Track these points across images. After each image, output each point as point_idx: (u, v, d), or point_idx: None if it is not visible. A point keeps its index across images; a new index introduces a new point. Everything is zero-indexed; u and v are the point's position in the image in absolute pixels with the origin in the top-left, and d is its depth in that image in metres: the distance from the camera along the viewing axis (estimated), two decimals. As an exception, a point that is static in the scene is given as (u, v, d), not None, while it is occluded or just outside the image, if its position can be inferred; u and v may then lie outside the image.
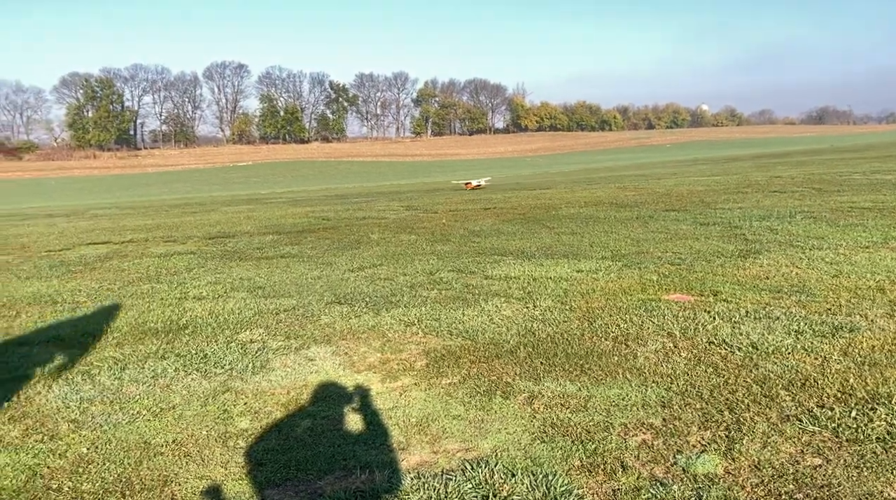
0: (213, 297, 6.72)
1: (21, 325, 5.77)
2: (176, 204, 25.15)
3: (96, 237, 12.57)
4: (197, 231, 12.88)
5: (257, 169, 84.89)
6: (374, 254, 8.99)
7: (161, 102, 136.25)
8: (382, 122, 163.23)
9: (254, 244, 10.58)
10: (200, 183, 60.39)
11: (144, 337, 5.26)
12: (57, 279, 8.06)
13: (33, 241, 12.28)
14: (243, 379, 4.21)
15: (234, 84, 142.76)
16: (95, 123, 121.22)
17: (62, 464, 3.09)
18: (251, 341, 5.07)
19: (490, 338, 4.81)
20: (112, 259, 9.55)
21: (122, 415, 3.65)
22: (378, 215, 14.46)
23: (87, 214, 20.74)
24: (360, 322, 5.45)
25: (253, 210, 18.41)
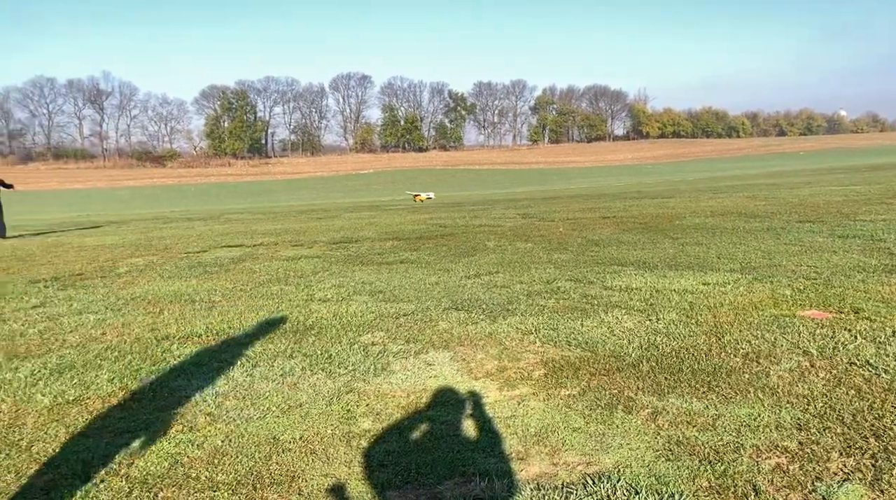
0: (336, 299, 6.96)
1: (164, 321, 6.19)
2: (302, 210, 26.28)
3: (230, 240, 13.32)
4: (322, 236, 13.38)
5: (378, 177, 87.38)
6: (491, 261, 9.01)
7: (290, 113, 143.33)
8: (499, 130, 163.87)
9: (375, 250, 10.87)
10: (325, 190, 62.85)
11: (273, 336, 5.51)
12: (195, 279, 8.59)
13: (174, 243, 13.18)
14: (365, 380, 4.32)
15: (357, 95, 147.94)
16: (230, 132, 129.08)
17: (200, 454, 3.28)
18: (373, 343, 5.20)
19: (610, 350, 4.69)
20: (244, 261, 10.09)
21: (253, 410, 3.84)
22: (494, 223, 14.49)
23: (221, 218, 22.05)
24: (476, 329, 5.47)
25: (374, 217, 18.93)
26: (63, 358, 4.96)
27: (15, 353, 5.17)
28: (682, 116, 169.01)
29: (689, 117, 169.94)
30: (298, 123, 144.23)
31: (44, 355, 5.07)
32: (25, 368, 4.71)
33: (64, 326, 6.06)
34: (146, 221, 21.67)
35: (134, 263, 10.29)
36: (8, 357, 5.04)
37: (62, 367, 4.74)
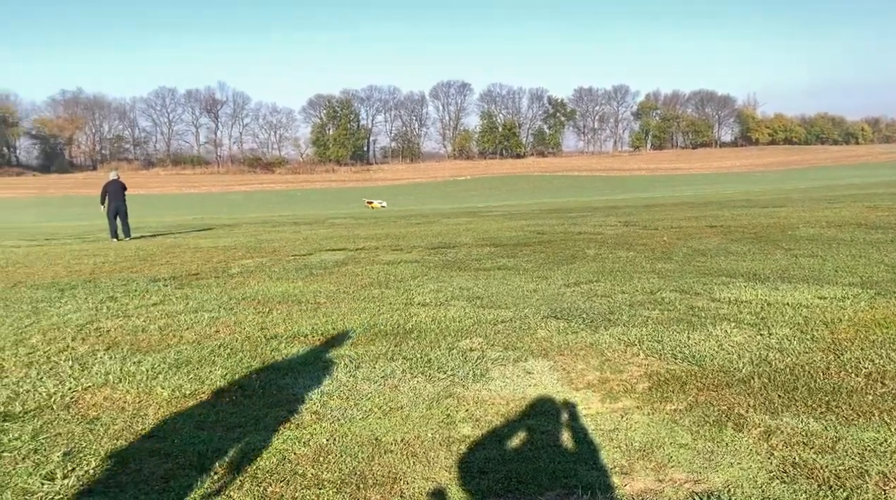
0: (435, 304, 7.03)
1: (272, 320, 6.44)
2: (401, 215, 26.72)
3: (334, 244, 13.71)
4: (421, 241, 13.56)
5: (475, 183, 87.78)
6: (591, 270, 8.86)
7: (391, 121, 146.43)
8: (599, 136, 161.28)
9: (472, 255, 10.91)
10: (423, 196, 63.74)
11: (375, 338, 5.62)
12: (301, 281, 8.89)
13: (282, 245, 13.70)
14: (464, 386, 4.34)
15: (457, 102, 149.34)
16: (335, 140, 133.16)
17: (306, 451, 3.39)
18: (471, 349, 5.22)
19: (719, 365, 4.51)
20: (347, 264, 10.36)
21: (356, 411, 3.93)
22: (594, 231, 14.25)
23: (325, 222, 22.75)
24: (577, 338, 5.39)
25: (471, 222, 19.02)
26: (180, 354, 5.24)
27: (138, 347, 5.51)
28: (794, 122, 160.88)
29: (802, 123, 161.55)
30: (399, 131, 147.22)
31: (163, 350, 5.38)
32: (147, 362, 5.02)
33: (181, 323, 6.41)
34: (256, 225, 22.64)
35: (245, 264, 10.76)
36: (132, 351, 5.38)
37: (179, 362, 5.01)
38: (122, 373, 4.73)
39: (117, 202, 17.45)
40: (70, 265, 11.09)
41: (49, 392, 4.31)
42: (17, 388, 4.41)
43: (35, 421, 3.80)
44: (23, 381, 4.58)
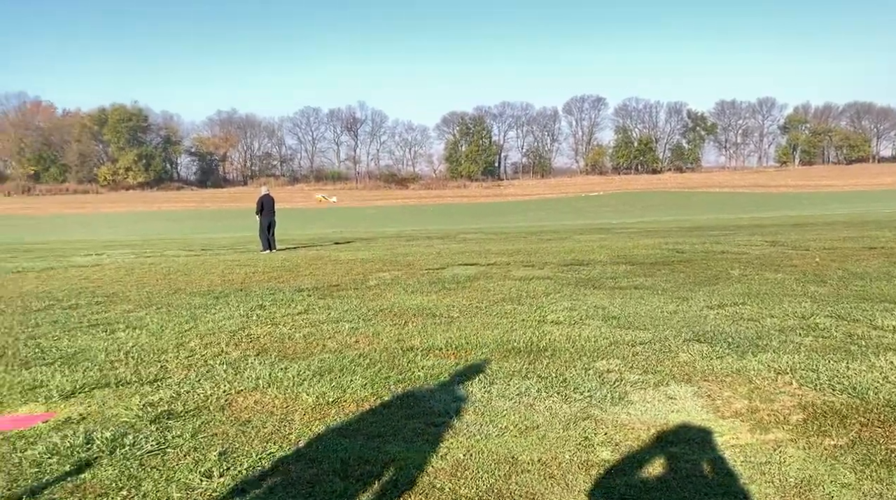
0: (569, 322, 6.92)
1: (408, 332, 6.59)
2: (533, 231, 26.62)
3: (466, 259, 13.86)
4: (553, 258, 13.43)
5: (608, 199, 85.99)
6: (735, 291, 8.41)
7: (523, 136, 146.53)
8: (742, 150, 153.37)
9: (607, 273, 10.67)
10: (554, 212, 63.20)
11: (508, 355, 5.61)
12: (435, 294, 9.05)
13: (416, 259, 14.01)
14: (602, 408, 4.23)
15: (590, 117, 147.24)
16: (467, 156, 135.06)
17: (443, 465, 3.42)
18: (608, 370, 5.09)
19: (885, 399, 4.13)
20: (479, 279, 10.43)
21: (491, 428, 3.93)
22: (738, 250, 13.53)
23: (457, 237, 23.06)
24: (722, 364, 5.12)
25: (604, 239, 18.62)
26: (323, 362, 5.47)
27: (285, 354, 5.81)
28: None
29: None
30: (531, 146, 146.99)
31: (308, 358, 5.63)
32: (293, 368, 5.27)
33: (324, 332, 6.69)
34: (391, 239, 23.32)
35: (382, 277, 11.10)
36: (280, 357, 5.68)
37: (323, 370, 5.22)
38: (270, 378, 5.00)
39: (270, 216, 18.58)
40: (224, 274, 11.89)
41: (206, 394, 4.63)
42: (179, 388, 4.76)
43: (194, 420, 4.09)
44: (183, 382, 4.94)
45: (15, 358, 5.69)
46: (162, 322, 7.26)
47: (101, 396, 4.62)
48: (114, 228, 47.60)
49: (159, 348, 6.06)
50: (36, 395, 4.65)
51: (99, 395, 4.64)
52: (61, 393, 4.67)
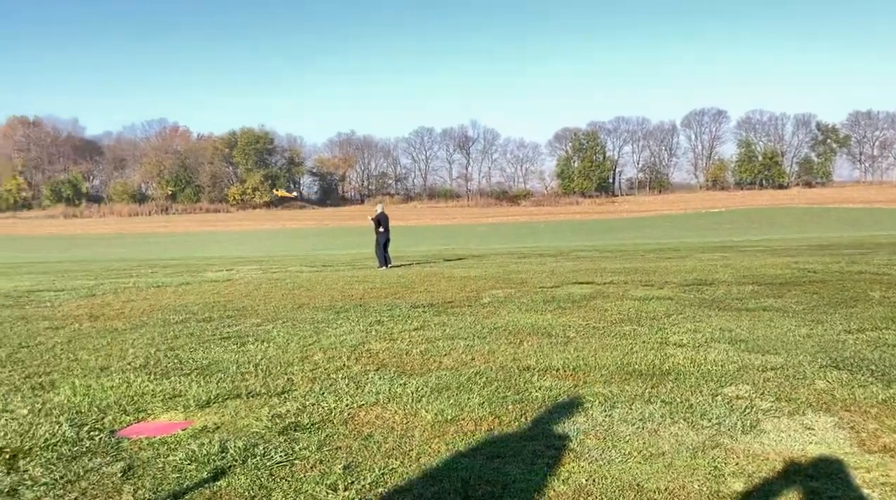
0: (693, 345, 6.65)
1: (524, 352, 6.54)
2: (650, 249, 25.86)
3: (580, 277, 13.64)
4: (672, 277, 12.98)
5: (730, 215, 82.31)
6: (877, 315, 7.81)
7: (639, 151, 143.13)
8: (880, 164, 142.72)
9: (732, 294, 10.19)
10: (671, 229, 61.16)
11: (629, 378, 5.45)
12: (550, 313, 8.95)
13: (529, 277, 13.93)
14: (732, 437, 4.02)
15: (711, 131, 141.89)
16: (580, 172, 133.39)
17: (565, 490, 3.36)
18: (737, 397, 4.84)
19: None
20: (595, 299, 10.23)
21: (614, 453, 3.82)
22: (878, 270, 12.57)
23: (570, 254, 22.75)
24: (865, 393, 4.75)
25: (728, 258, 17.82)
26: (440, 379, 5.51)
27: (403, 370, 5.91)
28: None
29: None
30: (647, 162, 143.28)
31: (425, 374, 5.70)
32: (412, 384, 5.35)
33: (440, 349, 6.76)
34: (503, 256, 23.33)
35: (495, 294, 11.10)
36: (399, 373, 5.78)
37: (440, 387, 5.27)
38: (390, 393, 5.09)
39: (387, 234, 19.11)
40: (343, 290, 12.28)
41: (330, 407, 4.77)
42: (304, 401, 4.94)
43: (319, 433, 4.22)
44: (308, 395, 5.12)
45: (157, 368, 6.10)
46: (288, 336, 7.58)
47: (234, 406, 4.86)
48: (242, 245, 50.35)
49: (285, 360, 6.32)
50: (175, 404, 4.95)
51: (231, 405, 4.89)
52: (198, 403, 4.95)
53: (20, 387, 5.47)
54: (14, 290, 13.41)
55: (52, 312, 10.00)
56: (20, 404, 4.95)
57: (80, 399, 5.07)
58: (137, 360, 6.44)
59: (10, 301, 11.39)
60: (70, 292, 12.81)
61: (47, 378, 5.75)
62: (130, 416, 4.66)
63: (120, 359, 6.50)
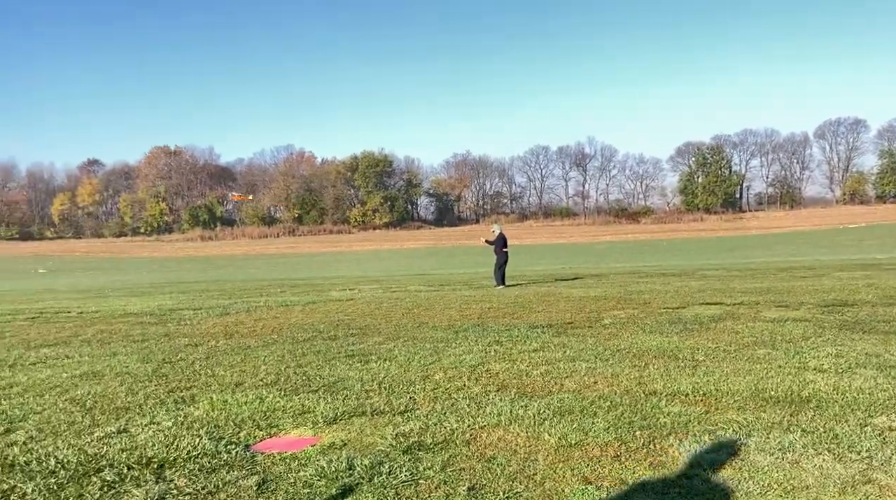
0: (835, 371, 6.19)
1: (649, 375, 6.31)
2: (782, 267, 24.43)
3: (708, 298, 13.06)
4: (809, 297, 12.19)
5: (871, 231, 76.45)
6: None
7: (768, 165, 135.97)
8: None
9: (878, 316, 9.44)
10: (805, 246, 57.56)
11: (765, 405, 5.14)
12: (676, 335, 8.61)
13: (652, 297, 13.49)
14: (887, 472, 3.69)
15: (847, 141, 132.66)
16: (704, 188, 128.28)
17: (699, 521, 3.19)
18: (890, 428, 4.44)
19: None
20: (725, 320, 9.75)
21: (752, 484, 3.59)
22: None
23: (696, 274, 21.86)
24: None
25: (871, 277, 16.54)
26: (563, 402, 5.41)
27: (524, 391, 5.85)
28: None
29: None
30: (777, 175, 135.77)
31: (547, 396, 5.62)
32: (533, 406, 5.28)
33: (561, 371, 6.64)
34: (623, 275, 22.75)
35: (616, 315, 10.82)
36: (519, 394, 5.73)
37: (563, 410, 5.17)
38: (512, 415, 5.05)
39: (505, 254, 19.18)
40: (461, 309, 12.37)
41: (452, 427, 4.79)
42: (427, 420, 4.98)
43: (443, 454, 4.24)
44: (431, 414, 5.16)
45: (287, 385, 6.36)
46: (409, 355, 7.70)
47: (359, 423, 4.98)
48: (363, 265, 51.94)
49: (407, 379, 6.41)
50: (305, 420, 5.13)
51: (357, 422, 5.01)
52: (325, 419, 5.11)
53: (165, 401, 5.85)
54: (158, 308, 14.43)
55: (192, 329, 10.67)
56: (165, 417, 5.29)
57: (217, 413, 5.36)
58: (269, 376, 6.74)
59: (154, 319, 12.26)
60: (207, 310, 13.64)
61: (188, 393, 6.12)
62: (263, 431, 4.87)
63: (253, 375, 6.82)
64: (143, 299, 17.34)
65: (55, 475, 4.02)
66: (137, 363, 7.61)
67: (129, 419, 5.26)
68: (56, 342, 9.45)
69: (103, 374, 7.05)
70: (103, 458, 4.29)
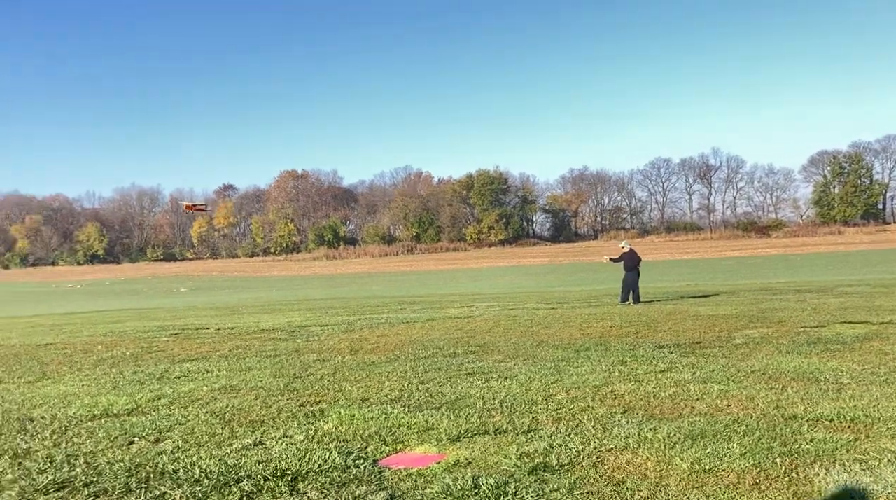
0: None
1: (788, 399, 5.94)
2: (936, 283, 22.38)
3: (850, 316, 12.17)
4: (971, 316, 11.09)
5: None
6: None
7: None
8: None
9: None
10: (963, 258, 52.42)
11: (924, 435, 4.70)
12: (816, 356, 8.07)
13: (788, 316, 12.71)
14: None
15: None
16: (841, 198, 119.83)
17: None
18: None
19: None
20: (871, 341, 9.04)
21: (913, 522, 3.29)
22: None
23: (835, 290, 20.43)
24: None
25: None
26: (694, 425, 5.18)
27: (652, 413, 5.65)
28: None
29: None
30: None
31: (676, 420, 5.39)
32: (663, 429, 5.08)
33: (690, 392, 6.37)
34: (753, 292, 21.59)
35: (749, 334, 10.28)
36: (647, 417, 5.54)
37: (694, 433, 4.95)
38: (640, 438, 4.88)
39: (635, 271, 18.87)
40: (582, 328, 12.14)
41: (577, 449, 4.69)
42: (551, 441, 4.91)
43: (569, 476, 4.15)
44: (555, 435, 5.08)
45: (410, 401, 6.46)
46: (529, 374, 7.63)
47: (483, 442, 4.97)
48: (479, 282, 52.17)
49: (529, 399, 6.35)
50: (429, 436, 5.19)
51: (480, 441, 5.00)
52: (449, 437, 5.14)
53: (296, 414, 6.09)
54: (288, 325, 15.10)
55: (319, 345, 11.08)
56: (297, 430, 5.50)
57: (345, 428, 5.51)
58: (393, 392, 6.88)
59: (284, 335, 12.83)
60: (333, 326, 14.13)
61: (318, 407, 6.34)
62: (389, 446, 4.96)
63: (378, 391, 6.99)
64: (273, 316, 18.20)
65: (199, 483, 4.26)
66: (270, 378, 7.97)
67: (264, 431, 5.51)
68: (197, 357, 10.08)
69: (239, 388, 7.44)
70: (242, 469, 4.52)
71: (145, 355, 10.34)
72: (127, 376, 8.39)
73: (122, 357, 10.20)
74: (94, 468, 4.64)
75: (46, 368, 9.35)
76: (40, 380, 8.39)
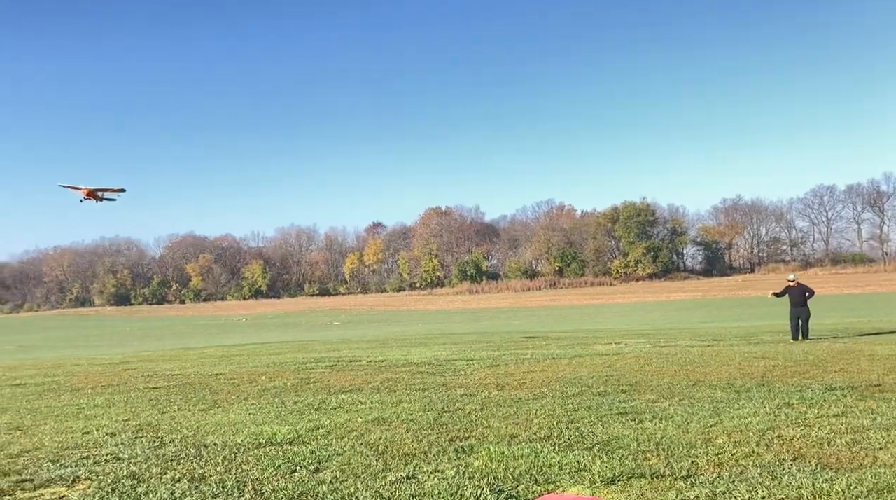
0: None
1: None
2: None
3: None
4: None
5: None
6: None
7: None
8: None
9: None
10: None
11: None
12: None
13: None
14: None
15: None
16: None
17: None
18: None
19: None
20: None
21: None
22: None
23: None
24: None
25: None
26: (878, 477, 4.70)
27: (827, 462, 5.19)
28: None
29: None
30: None
31: (856, 470, 4.92)
32: (840, 481, 4.65)
33: (871, 440, 5.80)
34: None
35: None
36: (821, 466, 5.09)
37: (879, 487, 4.49)
38: (815, 489, 4.50)
39: (800, 306, 17.77)
40: (742, 367, 11.42)
41: (743, 498, 4.39)
42: (714, 488, 4.62)
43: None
44: (717, 482, 4.79)
45: (560, 440, 6.34)
46: (686, 415, 7.27)
47: (639, 486, 4.77)
48: (627, 318, 50.63)
49: (687, 441, 6.04)
50: (581, 478, 5.05)
51: (636, 485, 4.81)
52: (603, 479, 4.98)
53: (446, 449, 6.14)
54: (434, 358, 15.35)
55: (465, 379, 11.16)
56: (447, 465, 5.55)
57: (495, 465, 5.49)
58: (542, 430, 6.78)
59: (431, 369, 13.05)
60: (478, 361, 14.20)
61: (467, 443, 6.37)
62: (541, 486, 4.88)
63: (526, 428, 6.91)
64: (420, 350, 18.58)
65: (357, 513, 4.40)
66: (420, 411, 8.12)
67: (416, 465, 5.60)
68: (351, 388, 10.47)
69: (391, 420, 7.63)
70: (396, 501, 4.61)
71: (304, 386, 10.88)
72: (288, 406, 8.86)
73: (283, 387, 10.80)
74: (260, 494, 4.92)
75: (217, 396, 10.07)
76: (212, 408, 9.04)
